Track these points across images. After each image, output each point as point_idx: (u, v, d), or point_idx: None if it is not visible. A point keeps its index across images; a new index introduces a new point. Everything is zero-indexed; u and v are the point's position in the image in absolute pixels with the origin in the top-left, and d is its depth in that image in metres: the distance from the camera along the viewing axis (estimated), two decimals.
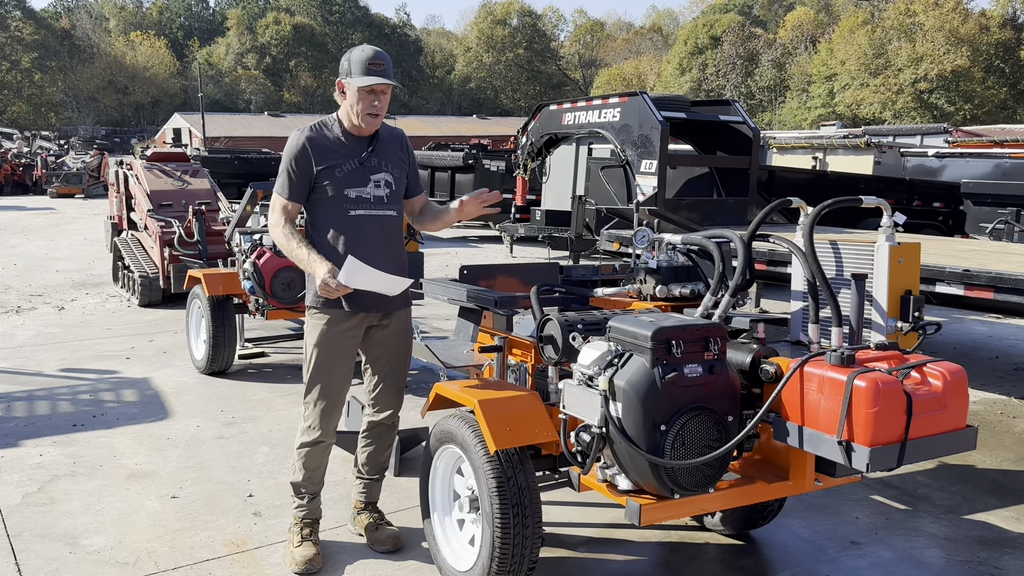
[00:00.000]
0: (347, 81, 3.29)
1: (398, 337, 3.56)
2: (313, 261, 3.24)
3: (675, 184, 9.26)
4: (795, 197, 3.21)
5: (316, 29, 74.89)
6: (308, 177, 3.34)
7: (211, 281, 6.22)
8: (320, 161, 3.33)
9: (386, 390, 3.60)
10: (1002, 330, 8.56)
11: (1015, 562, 3.59)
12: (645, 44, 78.89)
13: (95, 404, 5.61)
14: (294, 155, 3.33)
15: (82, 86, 67.05)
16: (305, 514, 3.55)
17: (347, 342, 3.44)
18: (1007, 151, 13.84)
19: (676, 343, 2.62)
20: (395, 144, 3.53)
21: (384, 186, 3.43)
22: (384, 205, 3.43)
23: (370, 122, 3.33)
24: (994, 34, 48.46)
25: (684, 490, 2.67)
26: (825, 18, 61.08)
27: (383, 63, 3.28)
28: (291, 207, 3.38)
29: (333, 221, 3.37)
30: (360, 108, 3.29)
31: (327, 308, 3.38)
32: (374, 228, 3.40)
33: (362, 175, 3.38)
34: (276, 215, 3.38)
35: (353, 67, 3.27)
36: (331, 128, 3.42)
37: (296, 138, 3.36)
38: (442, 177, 16.95)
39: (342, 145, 3.39)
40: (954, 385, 2.57)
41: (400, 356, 3.59)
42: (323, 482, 3.59)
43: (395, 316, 3.53)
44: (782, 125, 51.42)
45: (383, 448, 3.71)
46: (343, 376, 3.50)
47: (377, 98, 3.30)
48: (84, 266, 12.21)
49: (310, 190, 3.37)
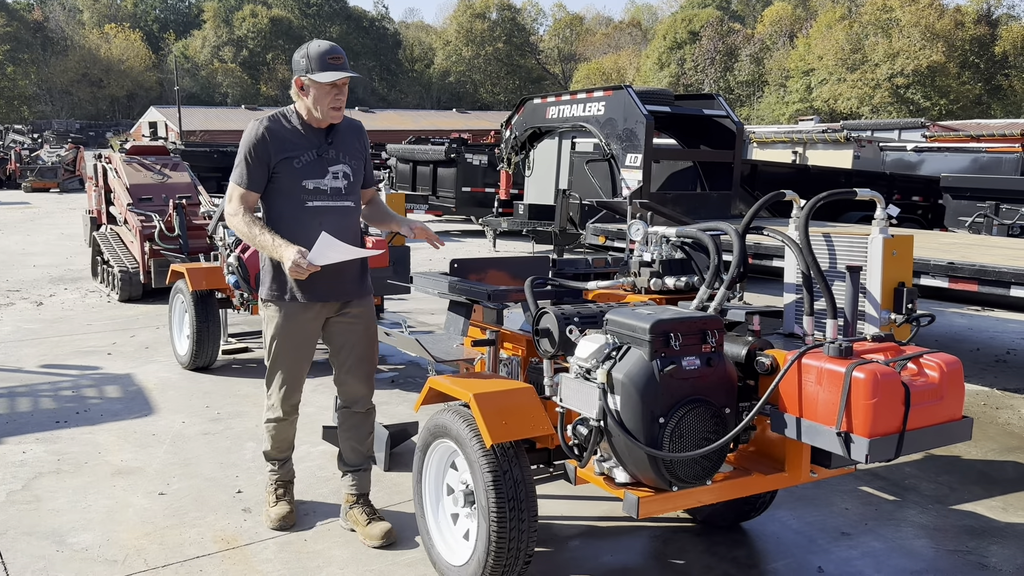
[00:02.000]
0: (309, 78, 3.34)
1: (359, 325, 3.61)
2: (279, 246, 3.31)
3: (659, 178, 9.29)
4: (774, 192, 3.22)
5: (293, 22, 74.33)
6: (266, 167, 3.41)
7: (195, 276, 6.15)
8: (279, 151, 3.40)
9: (353, 380, 3.66)
10: (982, 322, 8.66)
11: (1003, 551, 3.63)
12: (624, 39, 79.02)
13: (78, 400, 5.54)
14: (252, 144, 3.39)
15: (55, 79, 66.17)
16: (278, 477, 3.79)
17: (304, 332, 3.55)
18: (983, 145, 13.98)
19: (674, 335, 2.61)
20: (353, 135, 3.59)
21: (342, 177, 3.50)
22: (341, 196, 3.50)
23: (335, 115, 3.41)
24: (969, 30, 49.00)
25: (682, 482, 2.68)
26: (803, 13, 61.43)
27: (341, 56, 3.38)
28: (250, 196, 3.44)
29: (290, 212, 3.44)
30: (324, 104, 3.37)
31: (282, 301, 3.48)
32: (331, 219, 3.46)
33: (320, 166, 3.45)
34: (234, 204, 3.43)
35: (313, 63, 3.33)
36: (290, 119, 3.48)
37: (255, 128, 3.42)
38: (424, 171, 16.86)
39: (300, 136, 3.45)
40: (950, 376, 2.59)
41: (363, 344, 3.64)
42: (292, 447, 3.82)
43: (354, 305, 3.59)
44: (760, 120, 51.70)
45: (363, 436, 3.75)
46: (301, 361, 3.61)
47: (340, 91, 3.39)
48: (62, 261, 12.05)
49: (268, 180, 3.43)
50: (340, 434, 3.77)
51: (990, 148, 13.27)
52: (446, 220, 18.64)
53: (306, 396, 5.39)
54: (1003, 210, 9.31)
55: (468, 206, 16.11)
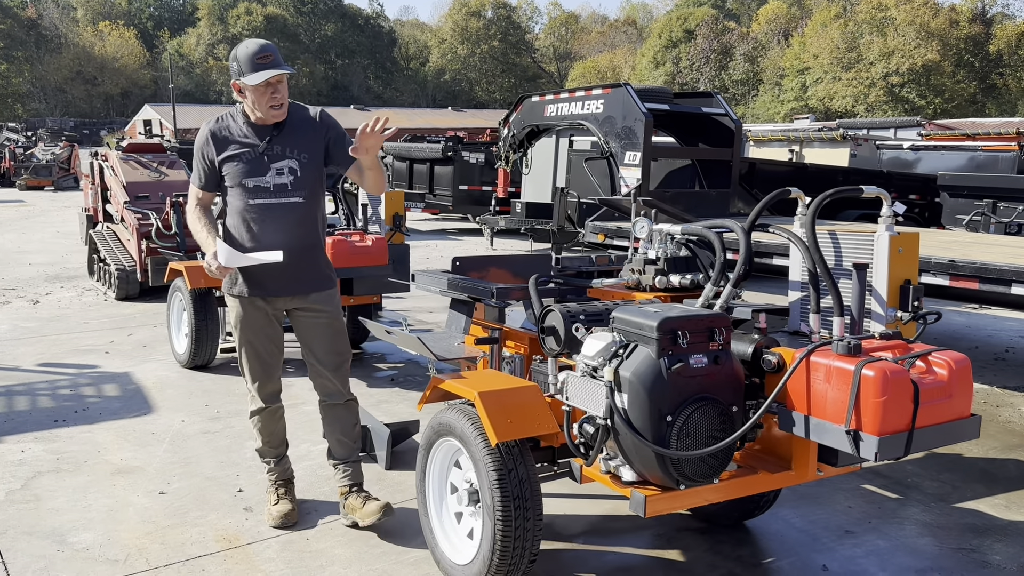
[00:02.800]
0: (242, 82, 3.36)
1: (322, 318, 3.64)
2: (205, 243, 3.44)
3: (657, 176, 9.28)
4: (780, 189, 3.20)
5: (288, 20, 74.15)
6: (212, 166, 3.50)
7: (193, 274, 6.11)
8: (220, 152, 3.48)
9: (323, 372, 3.69)
10: (979, 320, 8.67)
11: (1006, 549, 3.62)
12: (619, 37, 79.00)
13: (76, 399, 5.51)
14: (199, 146, 3.53)
15: (49, 77, 65.93)
16: (277, 475, 3.81)
17: (264, 323, 3.62)
18: (979, 144, 14.00)
19: (682, 333, 2.60)
20: (306, 127, 3.54)
21: (288, 173, 3.50)
22: (287, 193, 3.50)
23: (276, 114, 3.43)
24: (963, 29, 49.12)
25: (689, 481, 2.66)
26: (798, 12, 61.48)
27: (271, 54, 3.37)
28: (203, 195, 3.58)
29: (237, 209, 3.51)
30: (262, 104, 3.39)
31: (237, 295, 3.57)
32: (277, 215, 3.49)
33: (261, 164, 3.47)
34: (191, 202, 3.59)
35: (243, 66, 3.36)
36: (235, 119, 3.53)
37: (202, 130, 3.54)
38: (421, 169, 16.83)
39: (243, 135, 3.49)
40: (959, 374, 2.58)
41: (327, 337, 3.66)
42: (285, 443, 3.84)
43: (311, 299, 3.61)
44: (755, 118, 51.73)
45: (347, 428, 3.77)
46: (268, 350, 3.66)
47: (276, 89, 3.40)
48: (58, 259, 11.99)
49: (219, 179, 3.51)
50: (325, 427, 3.80)
51: (986, 147, 13.28)
52: (443, 218, 18.62)
53: (304, 394, 5.38)
54: (1000, 208, 9.32)
55: (465, 204, 16.08)
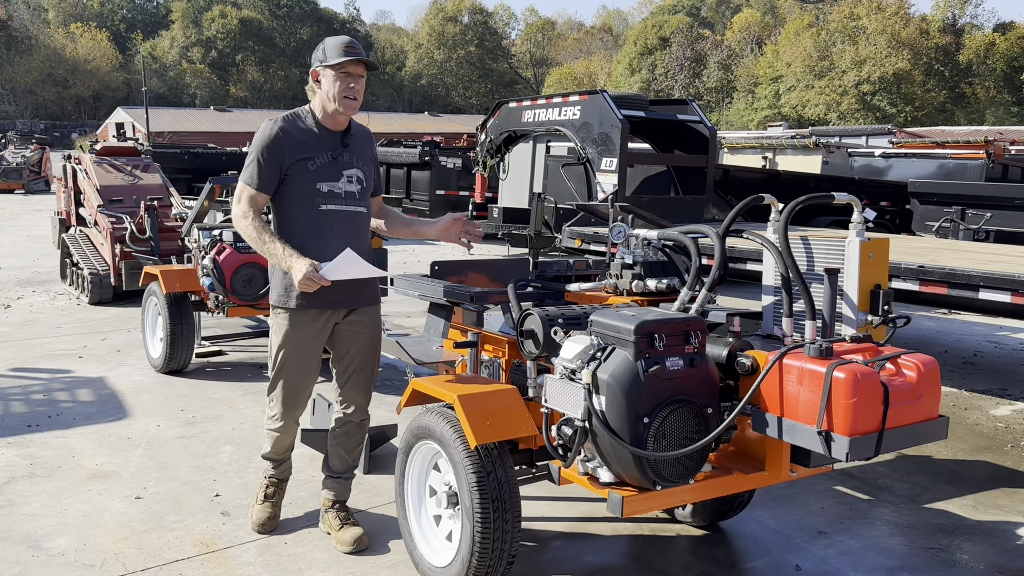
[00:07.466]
0: (323, 65, 3.28)
1: (366, 333, 3.54)
2: (289, 256, 3.20)
3: (633, 182, 9.34)
4: (754, 195, 3.26)
5: (263, 23, 73.76)
6: (279, 168, 3.30)
7: (168, 278, 6.08)
8: (293, 153, 3.29)
9: (355, 387, 3.58)
10: (948, 325, 8.82)
11: (974, 548, 3.70)
12: (595, 44, 79.39)
13: (50, 404, 5.46)
14: (266, 144, 3.28)
15: (19, 79, 65.00)
16: (273, 474, 3.75)
17: (312, 341, 3.45)
18: (949, 152, 14.23)
19: (658, 336, 2.64)
20: (365, 142, 3.54)
21: (356, 182, 3.42)
22: (355, 201, 3.42)
23: (348, 105, 3.31)
24: (934, 38, 49.92)
25: (666, 481, 2.70)
26: (771, 20, 62.21)
27: (358, 48, 3.31)
28: (260, 198, 3.33)
29: (302, 215, 3.33)
30: (337, 90, 3.28)
31: (292, 308, 3.37)
32: (343, 224, 3.38)
33: (335, 169, 3.36)
34: (243, 205, 3.31)
35: (329, 52, 3.28)
36: (304, 120, 3.39)
37: (268, 127, 3.31)
38: (398, 174, 16.82)
39: (315, 137, 3.36)
40: (927, 376, 2.65)
41: (368, 353, 3.58)
42: (292, 447, 3.77)
43: (362, 312, 3.51)
44: (729, 126, 52.23)
45: (353, 445, 3.70)
46: (308, 373, 3.54)
47: (354, 81, 3.30)
48: (29, 263, 11.85)
49: (280, 182, 3.32)
50: (330, 439, 3.70)
51: (955, 155, 13.50)
52: None
53: None
54: (969, 215, 9.48)
55: (442, 209, 16.06)
